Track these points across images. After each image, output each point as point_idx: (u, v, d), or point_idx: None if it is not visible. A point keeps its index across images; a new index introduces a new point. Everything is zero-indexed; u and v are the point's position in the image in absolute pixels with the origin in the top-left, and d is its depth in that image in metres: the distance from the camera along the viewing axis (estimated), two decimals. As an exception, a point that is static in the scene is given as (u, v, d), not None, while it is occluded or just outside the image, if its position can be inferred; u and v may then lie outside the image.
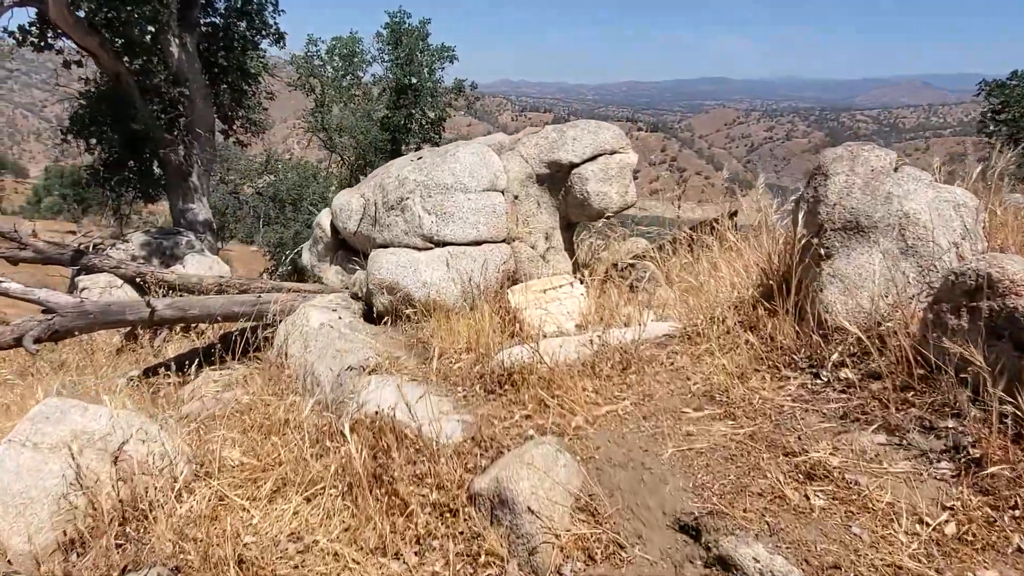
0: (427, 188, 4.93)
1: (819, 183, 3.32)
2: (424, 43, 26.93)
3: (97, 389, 5.98)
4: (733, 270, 4.67)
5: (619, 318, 4.61)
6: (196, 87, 16.82)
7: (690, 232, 6.34)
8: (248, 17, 18.48)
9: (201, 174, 17.55)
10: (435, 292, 4.72)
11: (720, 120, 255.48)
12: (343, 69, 27.74)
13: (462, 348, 4.26)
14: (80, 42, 14.12)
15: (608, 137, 5.19)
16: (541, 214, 5.27)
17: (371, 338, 4.69)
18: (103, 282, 13.47)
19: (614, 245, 7.09)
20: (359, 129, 26.57)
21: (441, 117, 28.01)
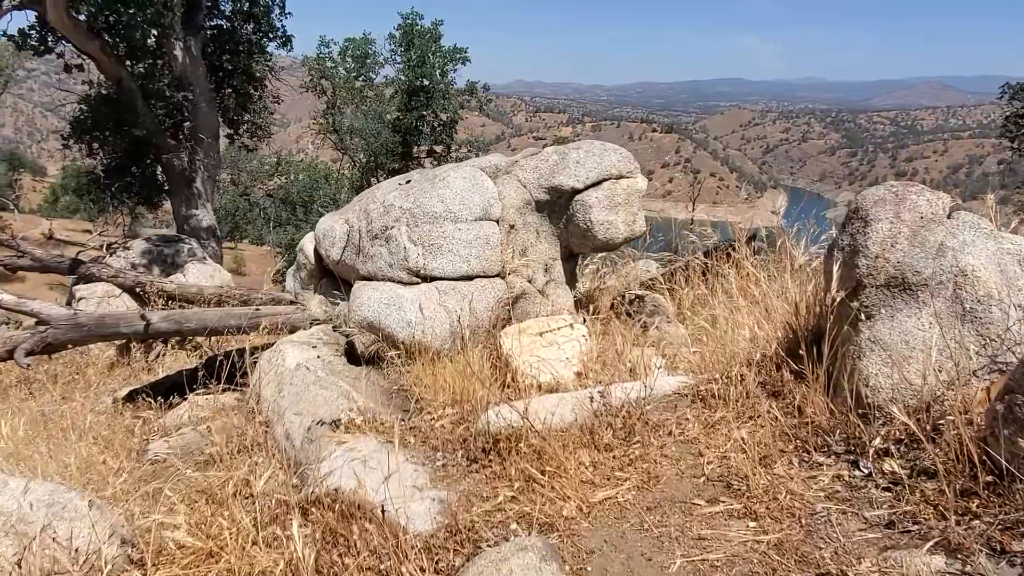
0: (414, 216, 4.47)
1: (857, 230, 2.83)
2: (436, 44, 26.59)
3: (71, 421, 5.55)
4: (753, 317, 4.18)
5: (625, 364, 4.14)
6: (200, 91, 16.48)
7: (704, 259, 5.85)
8: (255, 20, 18.12)
9: (205, 180, 17.21)
10: (420, 333, 4.26)
11: (735, 121, 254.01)
12: (355, 70, 27.43)
13: (447, 400, 3.80)
14: (80, 46, 13.82)
15: (615, 160, 4.71)
16: (540, 244, 4.80)
17: (351, 382, 4.24)
18: (100, 292, 13.13)
19: (621, 271, 6.60)
20: (370, 131, 26.24)
21: (453, 119, 27.68)
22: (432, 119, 27.02)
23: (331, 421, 3.73)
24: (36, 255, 13.83)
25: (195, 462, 4.12)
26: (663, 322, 5.01)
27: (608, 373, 4.08)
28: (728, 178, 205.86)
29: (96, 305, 12.92)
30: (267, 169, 33.78)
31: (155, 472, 4.27)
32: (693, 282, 5.71)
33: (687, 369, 3.98)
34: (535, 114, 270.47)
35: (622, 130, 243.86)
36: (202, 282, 13.17)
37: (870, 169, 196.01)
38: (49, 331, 9.38)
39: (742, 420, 3.05)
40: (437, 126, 27.23)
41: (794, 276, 5.49)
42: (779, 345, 3.33)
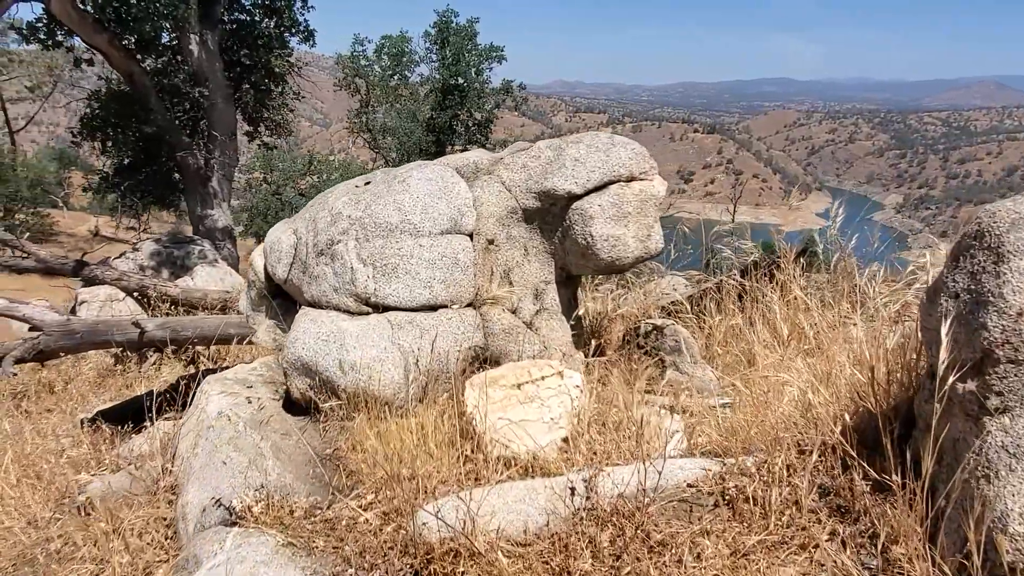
0: (364, 229, 3.50)
1: (982, 267, 1.76)
2: (472, 43, 25.84)
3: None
4: (806, 368, 3.11)
5: (630, 429, 3.11)
6: (217, 87, 15.83)
7: (740, 280, 4.77)
8: (276, 14, 17.43)
9: (221, 179, 16.58)
10: (367, 379, 3.29)
11: (780, 122, 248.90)
12: (391, 69, 26.79)
13: (384, 478, 2.82)
14: (88, 39, 13.23)
15: (624, 158, 3.65)
16: (528, 264, 3.77)
17: (275, 441, 3.29)
18: (103, 295, 12.52)
19: (641, 291, 5.54)
20: (403, 130, 25.60)
21: (488, 119, 26.88)
22: (466, 118, 26.28)
23: (228, 503, 2.79)
24: (40, 256, 13.29)
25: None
26: (686, 362, 3.96)
27: (606, 442, 3.05)
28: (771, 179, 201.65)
29: (99, 309, 12.29)
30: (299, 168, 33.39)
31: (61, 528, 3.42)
32: (727, 308, 4.63)
33: (712, 441, 2.94)
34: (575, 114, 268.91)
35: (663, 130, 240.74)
36: (211, 286, 12.47)
37: (920, 171, 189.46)
38: (41, 338, 8.66)
39: (789, 549, 2.01)
40: (471, 125, 26.47)
41: (856, 306, 4.38)
42: (846, 427, 2.26)
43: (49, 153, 41.41)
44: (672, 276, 5.96)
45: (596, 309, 4.94)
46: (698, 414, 3.32)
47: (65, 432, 5.53)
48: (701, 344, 4.35)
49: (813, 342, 4.05)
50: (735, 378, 3.93)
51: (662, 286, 5.82)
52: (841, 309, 4.24)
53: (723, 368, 4.10)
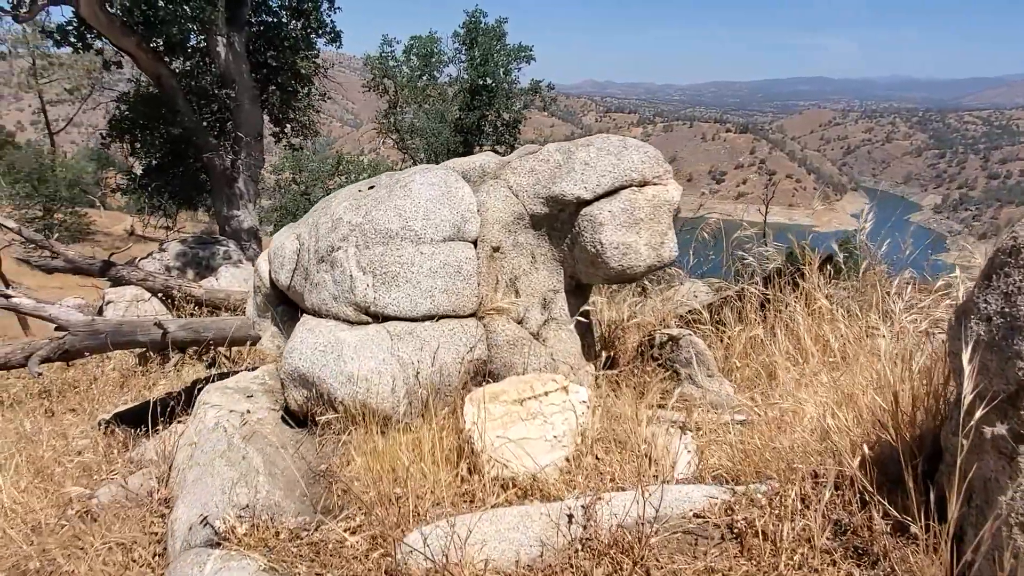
0: (364, 235, 3.38)
1: (1019, 287, 1.57)
2: (500, 43, 25.78)
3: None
4: (826, 388, 2.91)
5: (636, 450, 2.94)
6: (243, 89, 15.92)
7: (763, 289, 4.57)
8: (303, 15, 17.50)
9: (247, 180, 16.68)
10: (365, 392, 3.16)
11: (814, 121, 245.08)
12: (419, 69, 26.84)
13: (376, 498, 2.69)
14: (116, 42, 13.35)
15: (636, 161, 3.48)
16: (536, 272, 3.61)
17: (270, 455, 3.18)
18: (129, 296, 12.64)
19: (660, 298, 5.34)
20: (431, 130, 25.63)
21: (516, 119, 26.79)
22: (494, 119, 26.21)
23: (213, 523, 2.68)
24: (68, 256, 13.44)
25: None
26: (702, 376, 3.77)
27: (611, 462, 2.89)
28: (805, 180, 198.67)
29: (124, 309, 12.42)
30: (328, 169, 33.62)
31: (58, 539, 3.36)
32: (748, 318, 4.43)
33: (724, 464, 2.76)
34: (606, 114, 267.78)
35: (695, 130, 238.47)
36: (234, 287, 12.52)
37: (959, 171, 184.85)
38: (67, 337, 8.74)
39: (800, 593, 1.83)
40: (500, 126, 26.38)
41: (885, 317, 4.15)
42: (866, 458, 2.07)
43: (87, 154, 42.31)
44: (693, 282, 5.75)
45: (611, 317, 4.76)
46: (711, 432, 3.14)
47: (83, 433, 5.52)
48: (720, 356, 4.16)
49: (838, 355, 3.83)
50: (754, 393, 3.73)
51: (682, 293, 5.62)
52: (868, 320, 4.02)
53: (741, 382, 3.90)
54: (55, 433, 5.88)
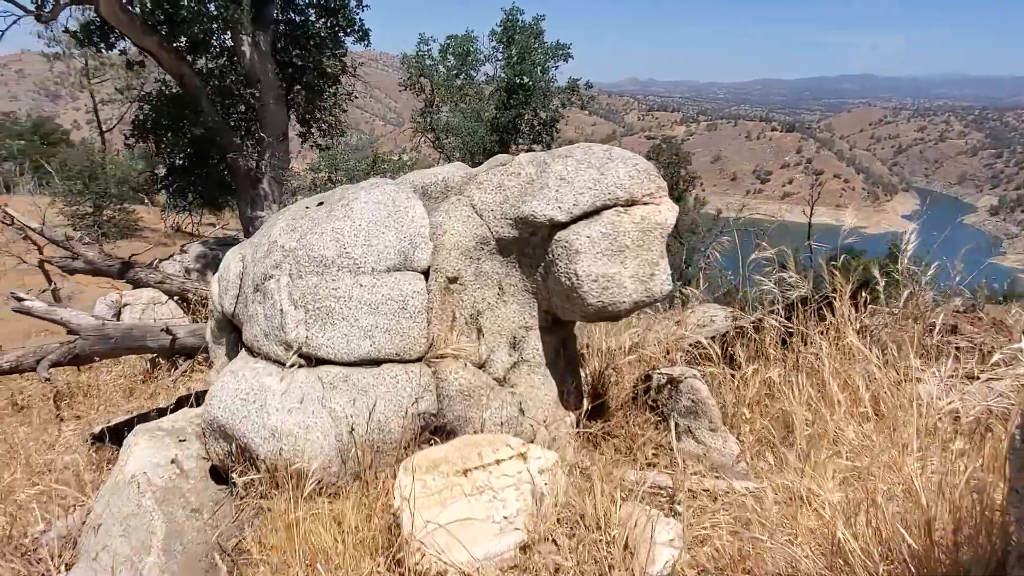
0: (298, 263, 2.87)
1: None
2: (537, 41, 25.33)
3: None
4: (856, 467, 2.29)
5: (608, 534, 2.37)
6: (268, 88, 15.70)
7: (785, 320, 3.93)
8: (331, 14, 17.23)
9: (272, 181, 16.47)
10: (290, 449, 2.66)
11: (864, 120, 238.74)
12: (456, 68, 26.56)
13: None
14: (138, 41, 13.18)
15: (623, 176, 2.89)
16: (504, 307, 3.06)
17: (180, 522, 2.70)
18: (146, 298, 12.49)
19: (664, 325, 4.72)
20: (466, 129, 25.32)
21: (554, 118, 26.30)
22: (531, 117, 25.76)
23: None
24: (88, 257, 13.34)
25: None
26: (704, 429, 3.17)
27: (576, 553, 2.33)
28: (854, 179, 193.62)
29: (141, 312, 12.26)
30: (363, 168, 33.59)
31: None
32: (766, 352, 3.81)
33: (715, 559, 2.18)
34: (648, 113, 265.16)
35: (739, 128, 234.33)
36: (252, 290, 12.26)
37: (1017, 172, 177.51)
38: (77, 342, 8.52)
39: None
40: (536, 125, 25.91)
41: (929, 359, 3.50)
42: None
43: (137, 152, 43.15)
44: (709, 305, 5.13)
45: (608, 347, 4.18)
46: (703, 512, 2.55)
47: (71, 448, 5.24)
48: (730, 400, 3.54)
49: (869, 407, 3.20)
50: (764, 451, 3.13)
51: (696, 317, 5.00)
52: (908, 363, 3.37)
53: (753, 436, 3.29)
54: (46, 445, 5.60)
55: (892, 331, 4.06)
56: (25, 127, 54.49)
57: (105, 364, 9.00)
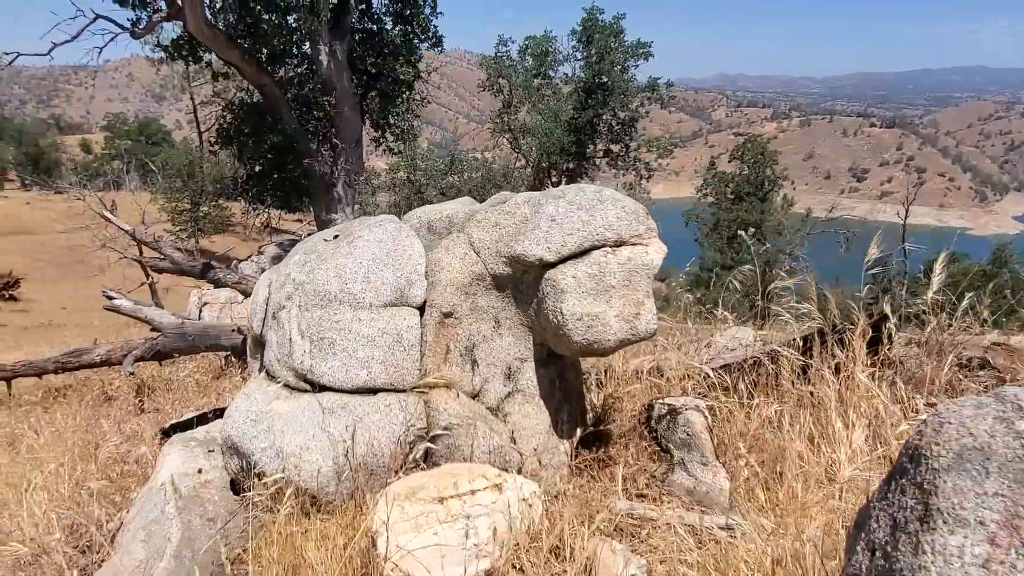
0: (306, 296, 3.12)
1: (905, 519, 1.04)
2: (616, 40, 25.22)
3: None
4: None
5: (574, 565, 2.49)
6: (343, 95, 16.34)
7: (800, 352, 3.92)
8: (406, 21, 17.74)
9: (345, 185, 17.13)
10: (293, 469, 2.91)
11: (972, 115, 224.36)
12: (534, 69, 26.74)
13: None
14: (221, 54, 14.03)
15: (612, 218, 2.99)
16: (500, 339, 3.20)
17: (197, 529, 2.99)
18: (224, 298, 13.26)
19: (690, 348, 4.75)
20: (542, 130, 25.45)
21: (633, 118, 26.12)
22: (610, 118, 25.65)
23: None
24: (174, 258, 14.28)
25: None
26: (695, 462, 3.23)
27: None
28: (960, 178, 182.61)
29: (219, 311, 13.02)
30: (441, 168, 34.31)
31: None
32: (769, 387, 3.81)
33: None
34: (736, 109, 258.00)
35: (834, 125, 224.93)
36: (324, 290, 12.81)
37: None
38: (159, 339, 9.24)
39: None
40: (615, 125, 25.79)
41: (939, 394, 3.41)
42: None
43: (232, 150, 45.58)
44: (739, 328, 5.10)
45: (624, 370, 4.26)
46: (673, 550, 2.63)
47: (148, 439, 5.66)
48: (735, 433, 3.57)
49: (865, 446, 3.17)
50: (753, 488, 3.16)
51: (724, 340, 4.99)
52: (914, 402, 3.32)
53: (748, 473, 3.31)
54: (124, 436, 6.07)
55: (915, 366, 3.97)
56: (132, 128, 58.30)
57: (184, 360, 9.65)
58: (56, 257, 41.68)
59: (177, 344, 9.07)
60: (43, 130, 65.19)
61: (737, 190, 34.98)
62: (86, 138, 71.22)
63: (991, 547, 0.91)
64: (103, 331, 16.01)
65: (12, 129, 60.17)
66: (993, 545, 0.91)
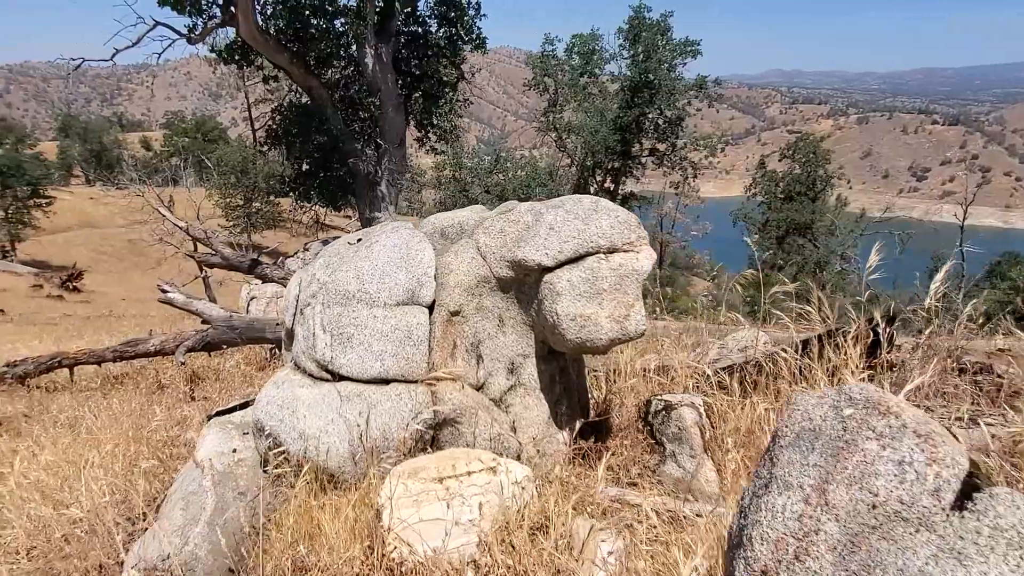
0: (328, 294, 3.46)
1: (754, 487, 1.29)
2: (664, 38, 25.18)
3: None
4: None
5: (553, 548, 2.76)
6: (387, 96, 16.80)
7: (798, 352, 4.11)
8: (451, 24, 18.13)
9: (388, 184, 17.60)
10: (314, 450, 3.25)
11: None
12: (580, 68, 26.84)
13: (274, 570, 2.76)
14: (271, 59, 14.64)
15: (604, 227, 3.24)
16: (503, 337, 3.49)
17: (228, 501, 3.36)
18: (270, 293, 13.78)
19: (705, 347, 4.96)
20: (588, 129, 25.56)
21: (680, 116, 26.04)
22: (656, 116, 25.62)
23: (134, 572, 2.89)
24: (225, 254, 14.94)
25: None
26: (685, 455, 3.47)
27: (529, 554, 2.74)
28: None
29: (265, 305, 13.57)
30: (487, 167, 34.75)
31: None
32: (768, 388, 4.01)
33: None
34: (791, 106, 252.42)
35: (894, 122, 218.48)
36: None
37: None
38: (209, 331, 9.82)
39: None
40: (662, 123, 25.76)
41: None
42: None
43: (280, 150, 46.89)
44: (752, 330, 5.27)
45: (634, 368, 4.50)
46: (650, 531, 2.88)
47: (196, 425, 6.10)
48: (724, 431, 3.78)
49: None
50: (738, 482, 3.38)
51: (736, 341, 5.18)
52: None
53: (736, 466, 3.53)
54: (174, 422, 6.53)
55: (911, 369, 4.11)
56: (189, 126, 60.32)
57: (231, 351, 10.16)
58: (118, 250, 43.51)
59: (225, 336, 9.59)
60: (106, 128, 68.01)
61: (787, 189, 34.46)
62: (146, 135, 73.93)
63: (805, 505, 1.15)
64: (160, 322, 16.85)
65: (78, 127, 62.95)
66: (806, 503, 1.15)
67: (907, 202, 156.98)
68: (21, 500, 4.34)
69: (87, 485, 4.49)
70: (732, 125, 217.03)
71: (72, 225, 45.81)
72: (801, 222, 33.19)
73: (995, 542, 1.05)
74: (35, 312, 25.58)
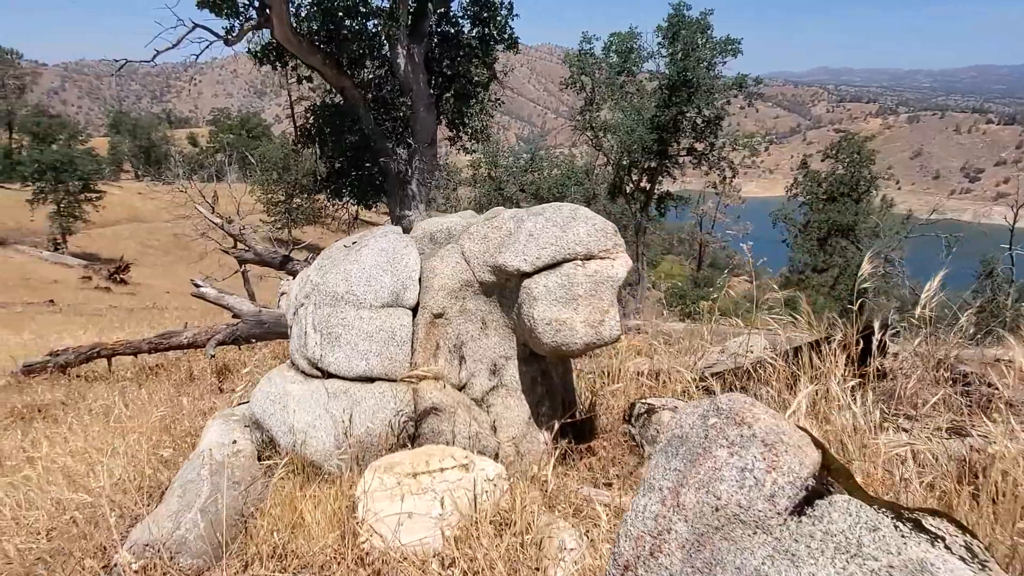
0: (320, 295, 3.62)
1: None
2: (703, 36, 24.93)
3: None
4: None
5: (520, 543, 2.88)
6: (419, 96, 17.03)
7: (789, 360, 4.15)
8: (484, 24, 18.29)
9: (420, 182, 17.84)
10: (302, 443, 3.43)
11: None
12: (618, 66, 26.72)
13: (254, 555, 2.94)
14: (304, 60, 14.99)
15: (581, 234, 3.34)
16: (485, 339, 3.62)
17: (223, 490, 3.55)
18: (300, 288, 13.98)
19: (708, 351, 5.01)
20: (624, 128, 25.43)
21: (718, 115, 25.75)
22: (694, 115, 25.37)
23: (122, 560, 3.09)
24: (257, 250, 15.32)
25: None
26: (662, 458, 3.55)
27: (496, 548, 2.86)
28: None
29: (294, 300, 13.81)
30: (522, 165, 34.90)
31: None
32: (757, 395, 4.05)
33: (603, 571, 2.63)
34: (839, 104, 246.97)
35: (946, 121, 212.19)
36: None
37: None
38: (239, 325, 10.16)
39: None
40: (700, 123, 25.51)
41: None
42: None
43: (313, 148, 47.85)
44: (753, 335, 5.30)
45: (627, 372, 4.59)
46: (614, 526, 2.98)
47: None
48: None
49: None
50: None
51: (735, 346, 5.22)
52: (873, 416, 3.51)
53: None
54: (201, 412, 6.80)
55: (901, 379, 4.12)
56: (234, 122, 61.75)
57: (260, 345, 10.46)
58: (163, 244, 44.78)
59: (255, 331, 9.88)
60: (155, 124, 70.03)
61: (830, 190, 33.82)
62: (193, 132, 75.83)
63: (661, 506, 1.25)
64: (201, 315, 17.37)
65: (128, 123, 64.93)
66: (663, 504, 1.25)
67: (958, 204, 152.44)
68: (48, 483, 4.59)
69: (109, 471, 4.75)
70: (777, 124, 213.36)
71: (121, 219, 47.33)
72: (844, 223, 32.58)
73: (825, 545, 1.14)
74: (83, 303, 26.52)
